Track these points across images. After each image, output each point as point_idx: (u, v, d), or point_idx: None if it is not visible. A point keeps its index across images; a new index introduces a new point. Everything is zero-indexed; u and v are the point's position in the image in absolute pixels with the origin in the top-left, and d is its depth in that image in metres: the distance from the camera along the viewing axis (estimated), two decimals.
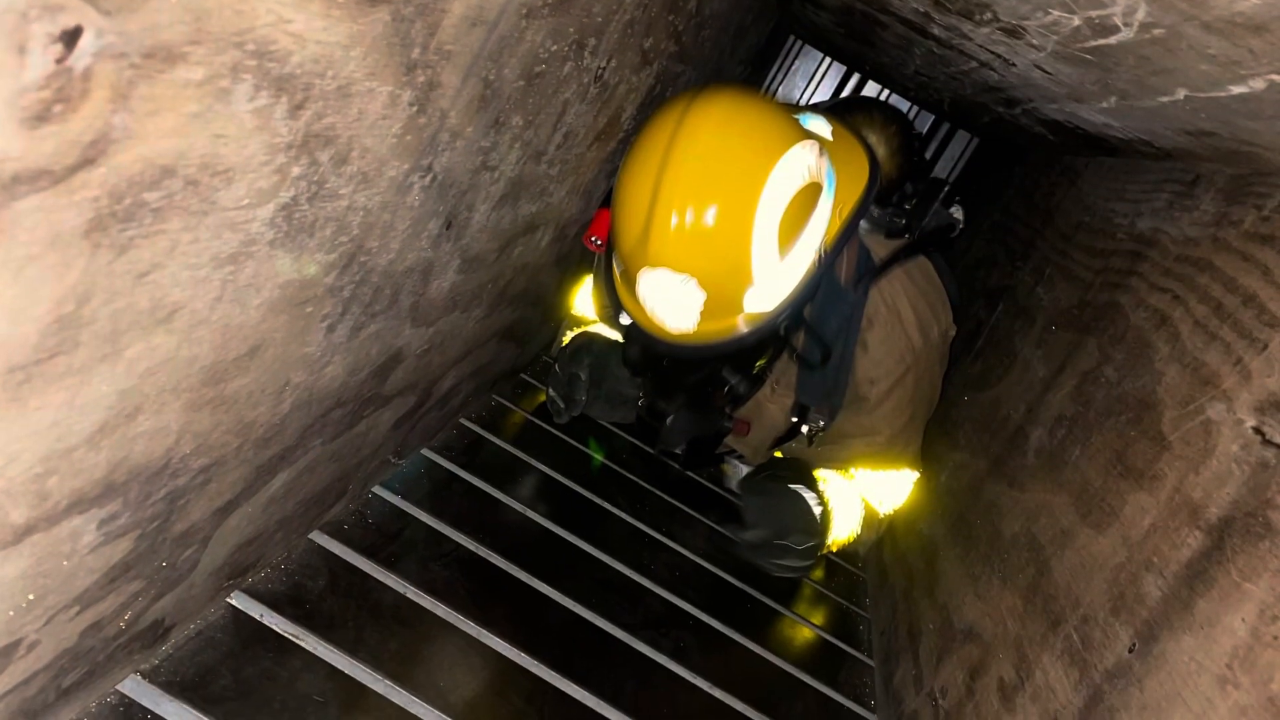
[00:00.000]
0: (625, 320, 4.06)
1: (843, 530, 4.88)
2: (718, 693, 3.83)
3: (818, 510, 4.56)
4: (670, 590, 4.27)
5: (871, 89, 7.95)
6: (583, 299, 5.41)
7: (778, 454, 5.15)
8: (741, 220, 3.44)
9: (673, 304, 3.60)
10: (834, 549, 4.99)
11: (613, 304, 4.13)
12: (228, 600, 2.98)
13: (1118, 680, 2.83)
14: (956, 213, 4.86)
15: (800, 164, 3.54)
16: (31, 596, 2.01)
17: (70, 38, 1.31)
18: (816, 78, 8.14)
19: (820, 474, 4.82)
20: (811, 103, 6.13)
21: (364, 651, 3.05)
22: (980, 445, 4.67)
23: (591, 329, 5.26)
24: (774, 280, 3.65)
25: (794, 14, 6.46)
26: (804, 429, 4.85)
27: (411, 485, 3.96)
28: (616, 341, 4.99)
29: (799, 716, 3.97)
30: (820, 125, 4.05)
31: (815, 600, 4.91)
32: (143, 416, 1.98)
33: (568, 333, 5.39)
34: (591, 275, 5.34)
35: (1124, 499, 3.18)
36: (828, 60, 8.07)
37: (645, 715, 3.45)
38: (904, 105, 7.76)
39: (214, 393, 2.15)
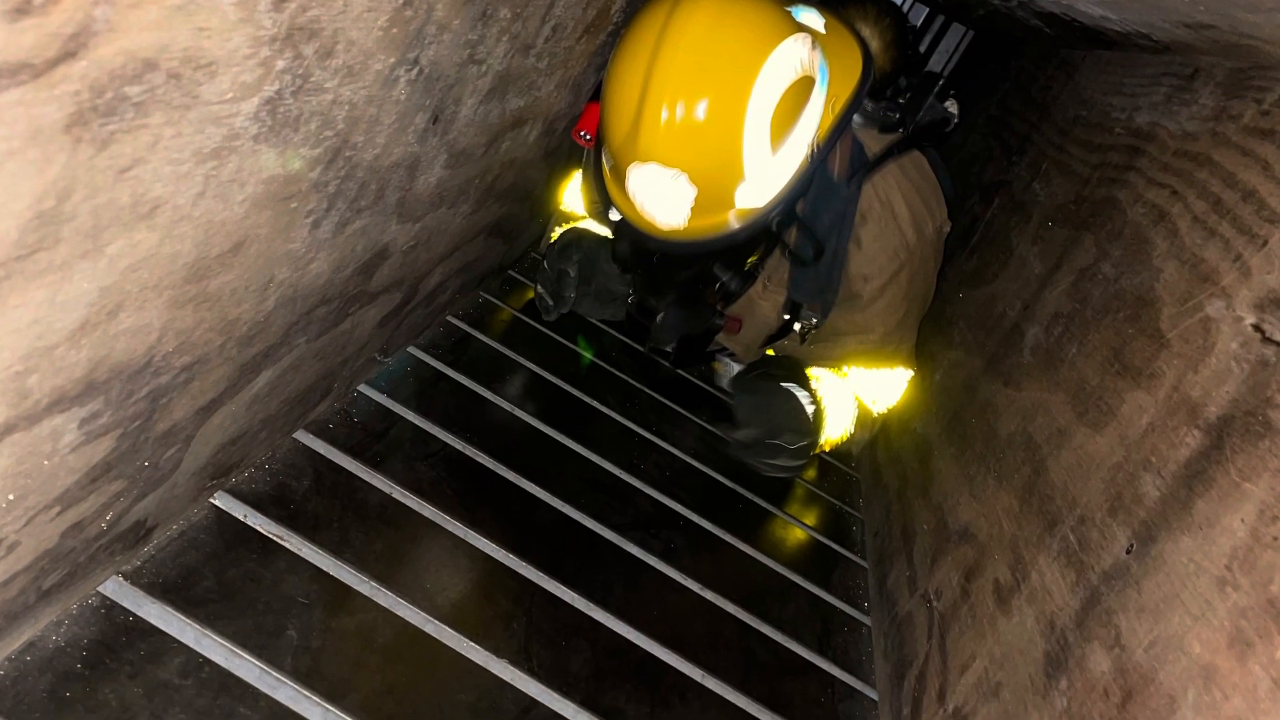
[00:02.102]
0: (615, 216, 4.03)
1: (835, 429, 4.87)
2: (708, 594, 3.82)
3: (810, 409, 4.53)
4: (660, 490, 4.24)
5: None
6: (572, 194, 5.37)
7: (770, 352, 5.13)
8: (733, 115, 3.40)
9: (663, 199, 3.56)
10: (827, 449, 4.97)
11: (602, 200, 4.09)
12: (211, 501, 2.96)
13: (1115, 582, 2.81)
14: (951, 107, 4.80)
15: (793, 57, 3.49)
16: (11, 497, 1.98)
17: None
18: None
19: (813, 372, 4.80)
20: None
21: (349, 552, 3.03)
22: (976, 343, 4.64)
23: (581, 225, 5.22)
24: (766, 175, 3.61)
25: None
26: (796, 326, 4.82)
27: (398, 384, 3.93)
28: (606, 238, 4.95)
29: (791, 618, 3.96)
30: (813, 18, 3.99)
31: (807, 501, 4.90)
32: (124, 314, 1.94)
33: (556, 229, 5.35)
34: (581, 170, 5.29)
35: (1121, 397, 3.15)
36: None
37: (634, 616, 3.43)
38: None
39: (197, 290, 2.11)
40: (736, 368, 5.29)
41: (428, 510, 3.39)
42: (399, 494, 3.38)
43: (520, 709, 2.88)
